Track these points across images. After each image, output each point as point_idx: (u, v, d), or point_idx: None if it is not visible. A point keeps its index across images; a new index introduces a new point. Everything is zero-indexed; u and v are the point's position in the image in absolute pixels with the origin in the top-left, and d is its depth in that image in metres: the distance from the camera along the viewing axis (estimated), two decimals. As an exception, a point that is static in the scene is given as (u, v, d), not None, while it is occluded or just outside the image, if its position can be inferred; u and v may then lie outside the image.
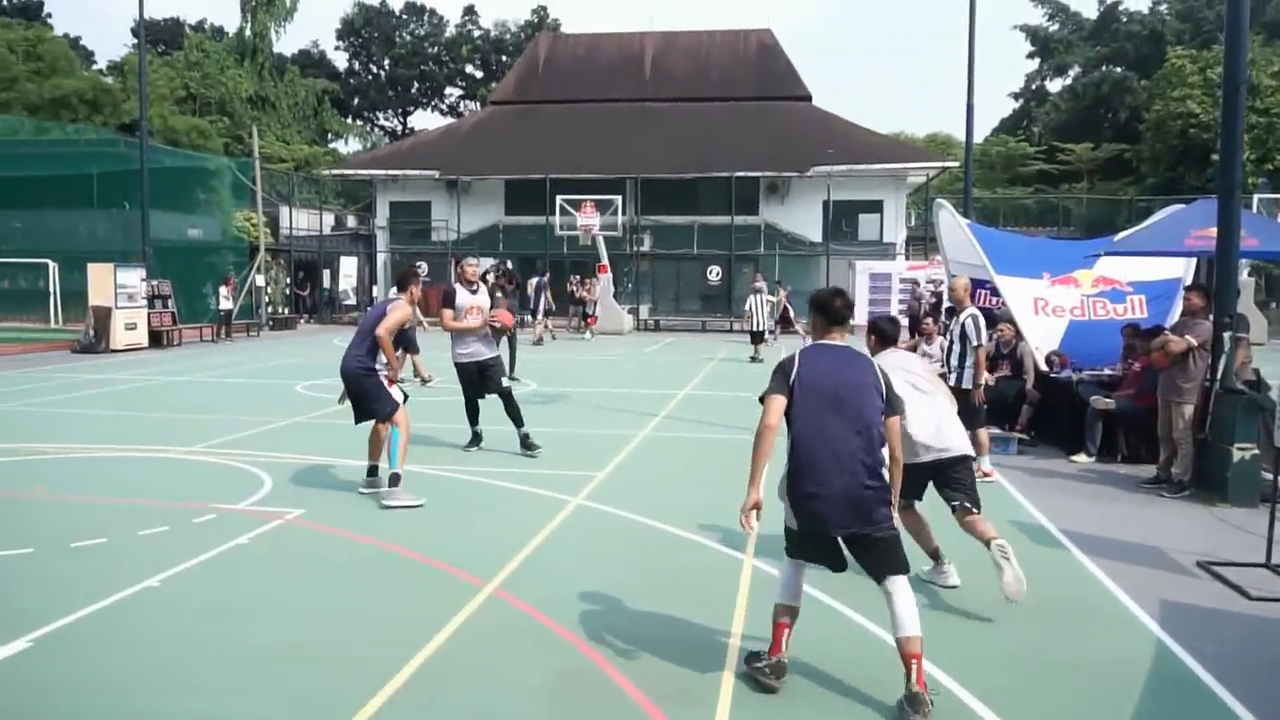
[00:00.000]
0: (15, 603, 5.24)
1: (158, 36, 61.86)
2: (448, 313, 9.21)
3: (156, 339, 22.59)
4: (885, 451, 4.17)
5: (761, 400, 4.32)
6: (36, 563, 5.94)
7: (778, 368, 4.28)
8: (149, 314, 22.55)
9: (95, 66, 58.17)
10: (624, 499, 7.64)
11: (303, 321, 33.62)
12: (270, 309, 31.32)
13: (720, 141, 35.28)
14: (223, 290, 25.85)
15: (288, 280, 34.80)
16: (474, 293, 9.31)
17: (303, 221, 37.17)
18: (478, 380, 9.36)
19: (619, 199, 30.17)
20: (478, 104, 66.52)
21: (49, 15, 62.05)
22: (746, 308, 20.29)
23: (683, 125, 36.76)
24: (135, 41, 59.35)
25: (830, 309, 4.33)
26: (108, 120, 41.02)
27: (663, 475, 8.69)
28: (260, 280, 30.62)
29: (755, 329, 20.15)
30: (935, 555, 5.67)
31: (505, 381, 9.48)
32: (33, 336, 24.47)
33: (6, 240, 30.43)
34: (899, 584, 4.14)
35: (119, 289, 21.54)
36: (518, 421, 9.38)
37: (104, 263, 22.26)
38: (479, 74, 69.56)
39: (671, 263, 35.07)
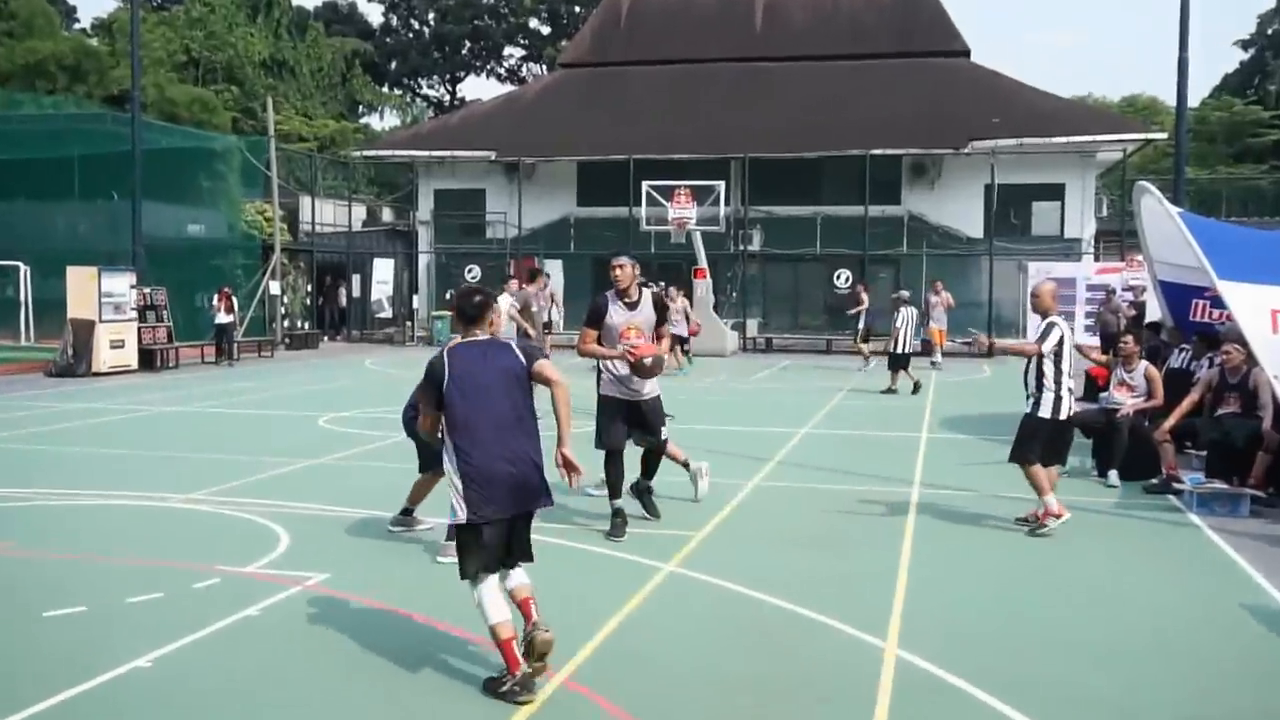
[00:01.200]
0: (-21, 682, 5.43)
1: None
2: (590, 333, 8.72)
3: (148, 359, 23.35)
4: None
5: None
6: (1, 637, 6.15)
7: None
8: (139, 329, 23.33)
9: (78, 26, 60.87)
10: (727, 566, 7.62)
11: (326, 339, 34.45)
12: (287, 323, 32.17)
13: (851, 111, 35.14)
14: (215, 303, 26.26)
15: (308, 288, 35.73)
16: (632, 307, 8.72)
17: (328, 215, 38.13)
18: (629, 424, 8.86)
19: (721, 185, 30.23)
20: (543, 67, 67.52)
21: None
22: (897, 324, 19.97)
23: (803, 90, 36.73)
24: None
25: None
26: (92, 91, 42.86)
27: (775, 536, 8.63)
28: (275, 288, 31.48)
29: (899, 350, 19.88)
30: None
31: (664, 432, 9.08)
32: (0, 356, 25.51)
33: (-33, 238, 31.74)
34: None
35: (104, 298, 22.34)
36: (648, 471, 9.22)
37: (86, 265, 23.12)
38: (545, 29, 70.69)
39: (787, 265, 34.96)
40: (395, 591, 6.98)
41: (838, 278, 33.94)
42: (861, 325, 24.54)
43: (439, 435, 5.52)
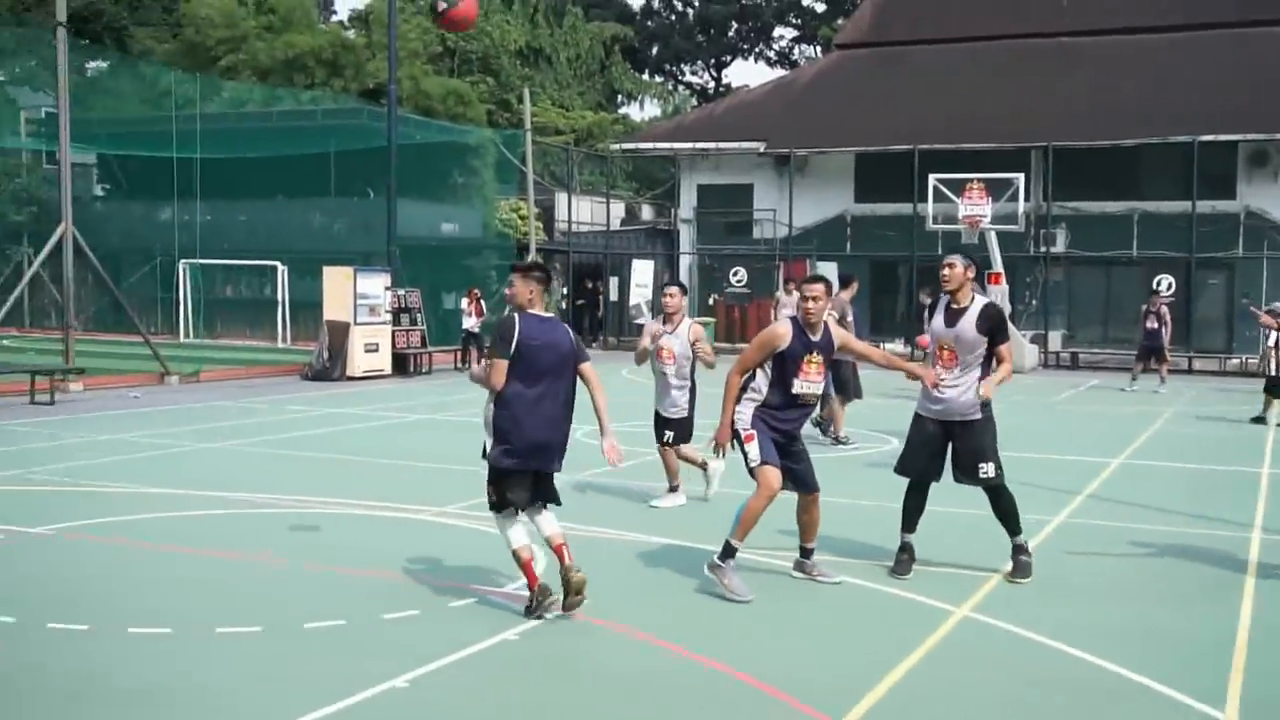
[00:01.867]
0: (233, 699, 5.86)
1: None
2: (924, 340, 8.96)
3: (401, 364, 24.58)
4: None
5: None
6: (263, 647, 6.61)
7: None
8: (393, 332, 24.56)
9: (335, 19, 64.74)
10: (1029, 613, 7.40)
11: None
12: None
13: (1174, 90, 33.54)
14: (464, 305, 27.32)
15: (564, 290, 36.76)
16: (957, 316, 8.31)
17: (584, 213, 39.17)
18: (945, 448, 8.47)
19: (1020, 178, 29.34)
20: (818, 49, 67.36)
21: (285, -43, 69.67)
22: (1270, 342, 18.88)
23: (1117, 68, 35.32)
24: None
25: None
26: (348, 85, 45.40)
27: (1085, 582, 8.35)
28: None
29: (1274, 373, 18.71)
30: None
31: (987, 468, 8.38)
32: (256, 358, 27.42)
33: (228, 237, 34.31)
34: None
35: (358, 299, 23.64)
36: (1013, 526, 8.43)
37: (341, 265, 24.55)
38: (820, 6, 70.50)
39: (1097, 269, 33.63)
40: (653, 621, 7.10)
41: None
42: (1162, 339, 23.29)
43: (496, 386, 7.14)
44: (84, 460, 13.20)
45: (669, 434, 11.11)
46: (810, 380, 7.89)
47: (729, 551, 7.73)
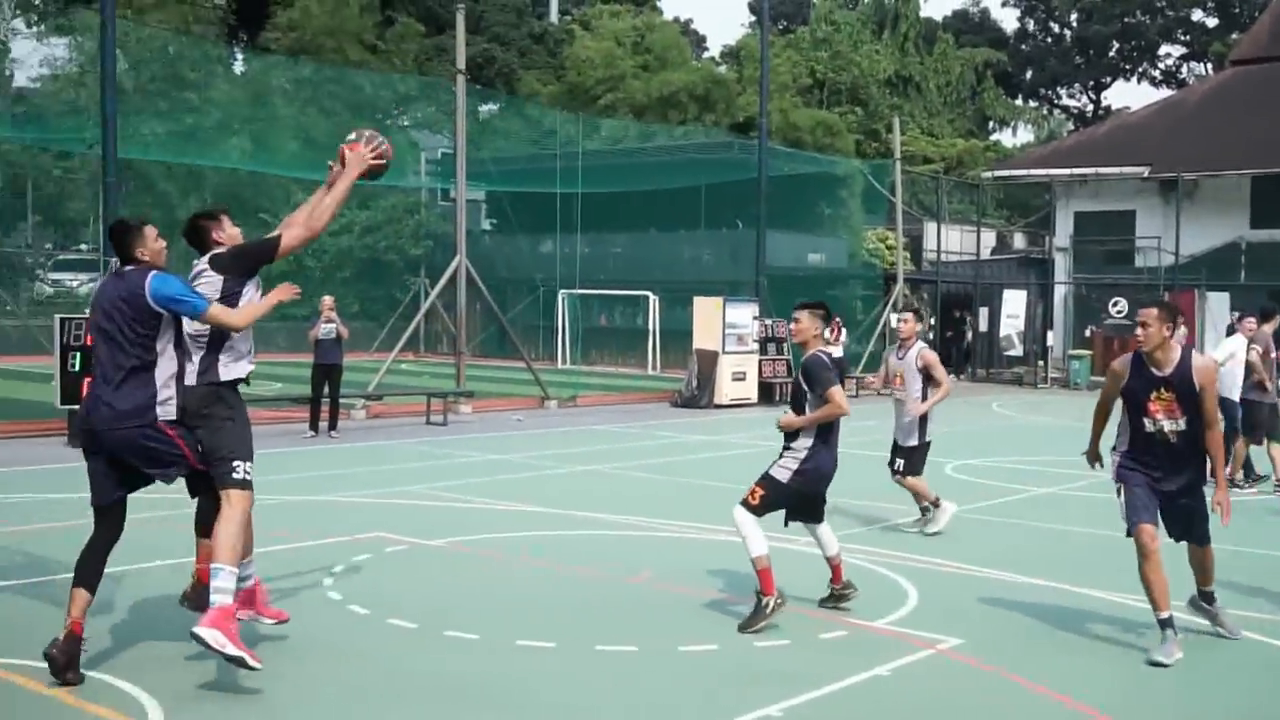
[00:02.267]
0: (624, 717, 6.02)
1: (779, 11, 68.66)
2: None
3: (767, 392, 24.78)
4: None
5: None
6: (641, 666, 6.79)
7: None
8: (760, 361, 24.84)
9: (707, 55, 66.40)
10: None
11: (951, 376, 34.61)
12: (905, 359, 32.71)
13: None
14: (828, 335, 27.33)
15: (932, 320, 36.13)
16: None
17: (954, 241, 38.41)
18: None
19: None
20: (1209, 66, 63.59)
21: (659, -4, 72.06)
22: None
23: None
24: (754, 20, 66.57)
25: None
26: (719, 119, 46.45)
27: None
28: (895, 320, 32.14)
29: None
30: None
31: None
32: (628, 384, 28.38)
33: (602, 268, 35.69)
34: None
35: (727, 329, 24.05)
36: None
37: (710, 295, 25.06)
38: (1211, 21, 66.52)
39: None
40: (1036, 667, 6.81)
41: None
42: None
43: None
44: (473, 478, 13.98)
45: (899, 462, 11.00)
46: (1162, 418, 7.09)
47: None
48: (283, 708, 5.99)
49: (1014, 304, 37.00)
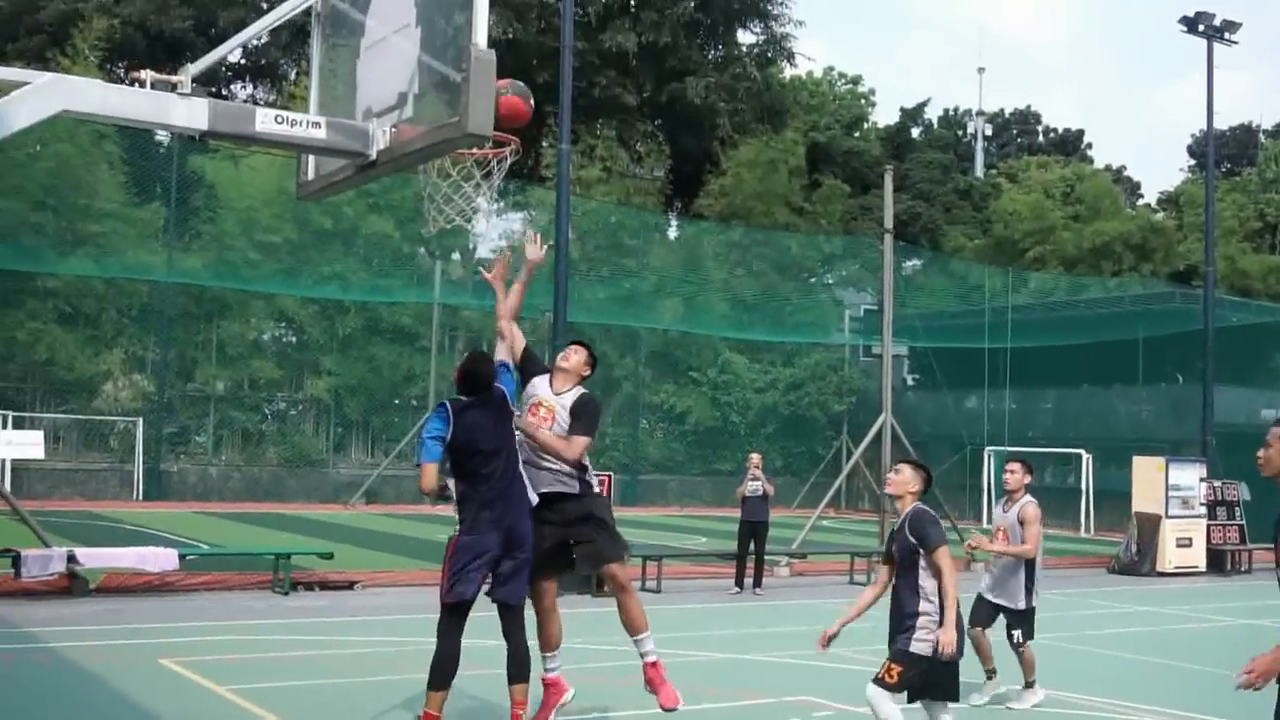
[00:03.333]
0: None
1: (1223, 153, 65.15)
2: None
3: (1216, 561, 22.96)
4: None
5: None
6: None
7: None
8: (1208, 526, 23.09)
9: (1142, 202, 63.74)
10: None
11: None
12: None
13: None
14: None
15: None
16: None
17: None
18: None
19: None
20: None
21: (1089, 146, 70.24)
22: None
23: None
24: (1194, 164, 63.53)
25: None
26: (1156, 269, 44.35)
27: None
28: None
29: None
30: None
31: None
32: (1059, 547, 27.01)
33: (1033, 424, 34.57)
34: None
35: (1170, 491, 22.55)
36: None
37: (1148, 455, 23.66)
38: None
39: None
40: None
41: None
42: None
43: None
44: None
45: (1017, 633, 9.92)
46: None
47: None
48: None
49: None
